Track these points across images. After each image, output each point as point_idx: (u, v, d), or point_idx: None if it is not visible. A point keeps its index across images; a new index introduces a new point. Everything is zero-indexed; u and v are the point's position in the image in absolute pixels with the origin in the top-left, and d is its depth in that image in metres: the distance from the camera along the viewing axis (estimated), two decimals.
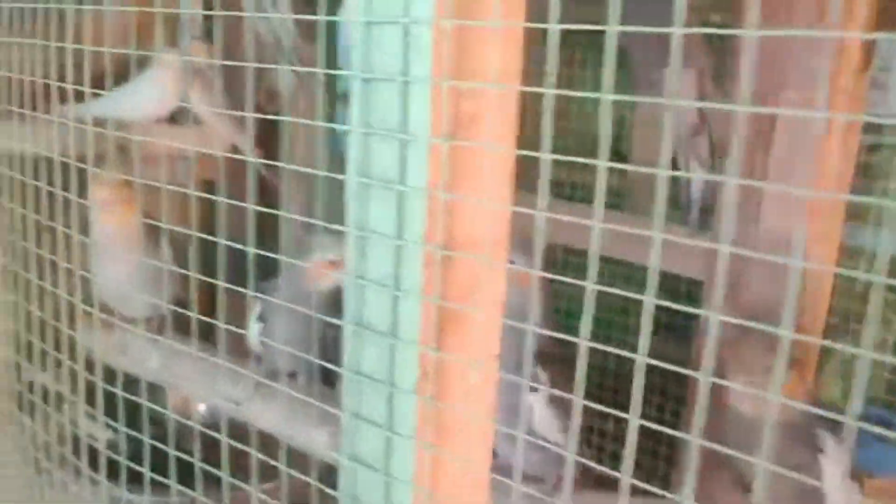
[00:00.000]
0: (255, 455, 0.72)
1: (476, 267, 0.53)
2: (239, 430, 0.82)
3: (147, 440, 0.79)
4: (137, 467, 0.78)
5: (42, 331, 0.96)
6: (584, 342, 0.45)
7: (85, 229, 0.97)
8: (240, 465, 0.76)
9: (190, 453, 0.81)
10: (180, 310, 0.86)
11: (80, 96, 0.92)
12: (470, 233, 0.52)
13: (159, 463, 0.83)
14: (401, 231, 0.51)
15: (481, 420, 0.56)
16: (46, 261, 0.93)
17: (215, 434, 0.76)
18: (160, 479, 0.77)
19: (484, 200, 0.51)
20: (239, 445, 0.75)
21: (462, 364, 0.53)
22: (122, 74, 0.96)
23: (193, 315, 0.80)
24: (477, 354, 0.54)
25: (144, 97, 1.27)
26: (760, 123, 1.04)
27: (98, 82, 0.90)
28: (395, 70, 0.49)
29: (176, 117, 1.36)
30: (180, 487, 0.74)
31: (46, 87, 0.94)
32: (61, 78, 0.93)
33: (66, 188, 0.90)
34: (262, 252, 0.77)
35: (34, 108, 0.96)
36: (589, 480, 1.10)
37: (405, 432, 0.53)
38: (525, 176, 0.52)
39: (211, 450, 0.83)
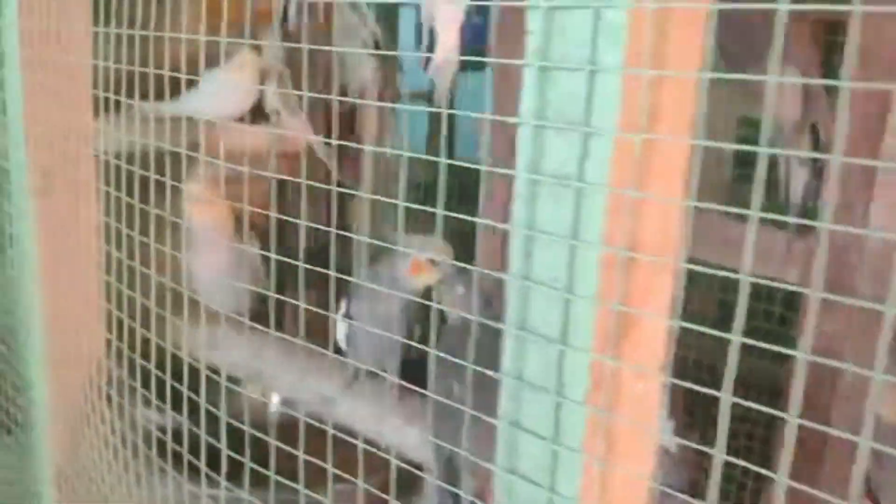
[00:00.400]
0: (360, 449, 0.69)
1: (651, 269, 0.49)
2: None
3: (272, 440, 0.77)
4: (261, 469, 0.76)
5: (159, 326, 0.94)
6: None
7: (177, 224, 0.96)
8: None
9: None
10: (282, 297, 0.84)
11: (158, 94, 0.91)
12: (647, 233, 0.48)
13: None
14: (577, 231, 0.47)
15: (648, 431, 0.52)
16: (142, 256, 0.92)
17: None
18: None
19: (672, 199, 0.48)
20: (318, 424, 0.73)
21: (632, 372, 0.50)
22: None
23: (293, 301, 0.78)
24: (647, 361, 0.51)
25: (221, 95, 1.26)
26: (870, 122, 1.00)
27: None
28: (581, 58, 0.46)
29: (251, 115, 1.35)
30: (306, 490, 0.72)
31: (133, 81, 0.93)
32: (144, 74, 0.92)
33: (159, 182, 0.89)
34: (366, 239, 0.74)
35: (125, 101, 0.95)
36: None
37: (573, 445, 0.50)
38: None
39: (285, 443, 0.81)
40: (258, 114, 1.37)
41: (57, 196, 0.98)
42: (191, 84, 0.98)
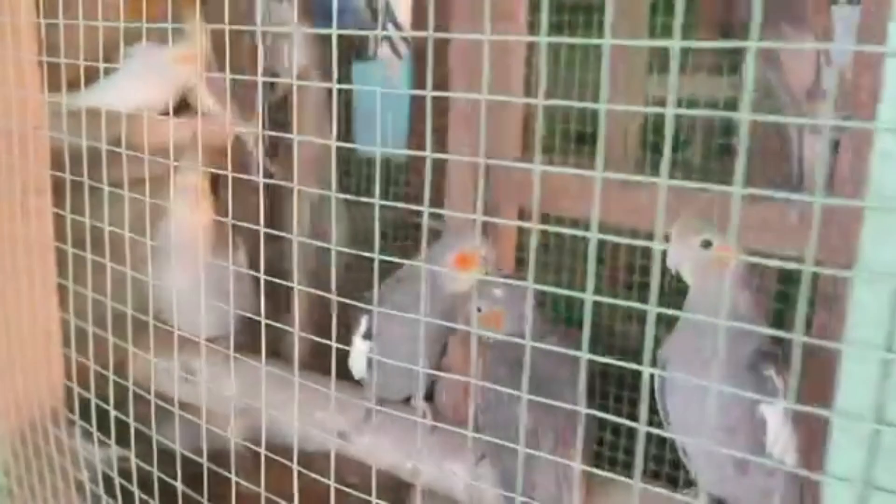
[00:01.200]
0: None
1: None
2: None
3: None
4: None
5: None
6: None
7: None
8: None
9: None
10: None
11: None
12: None
13: None
14: None
15: None
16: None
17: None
18: None
19: None
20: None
21: None
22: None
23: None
24: None
25: (142, 86, 1.08)
26: None
27: None
28: None
29: (177, 107, 1.17)
30: None
31: None
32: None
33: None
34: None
35: None
36: None
37: None
38: None
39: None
40: (181, 105, 1.19)
41: None
42: (109, 70, 0.81)
